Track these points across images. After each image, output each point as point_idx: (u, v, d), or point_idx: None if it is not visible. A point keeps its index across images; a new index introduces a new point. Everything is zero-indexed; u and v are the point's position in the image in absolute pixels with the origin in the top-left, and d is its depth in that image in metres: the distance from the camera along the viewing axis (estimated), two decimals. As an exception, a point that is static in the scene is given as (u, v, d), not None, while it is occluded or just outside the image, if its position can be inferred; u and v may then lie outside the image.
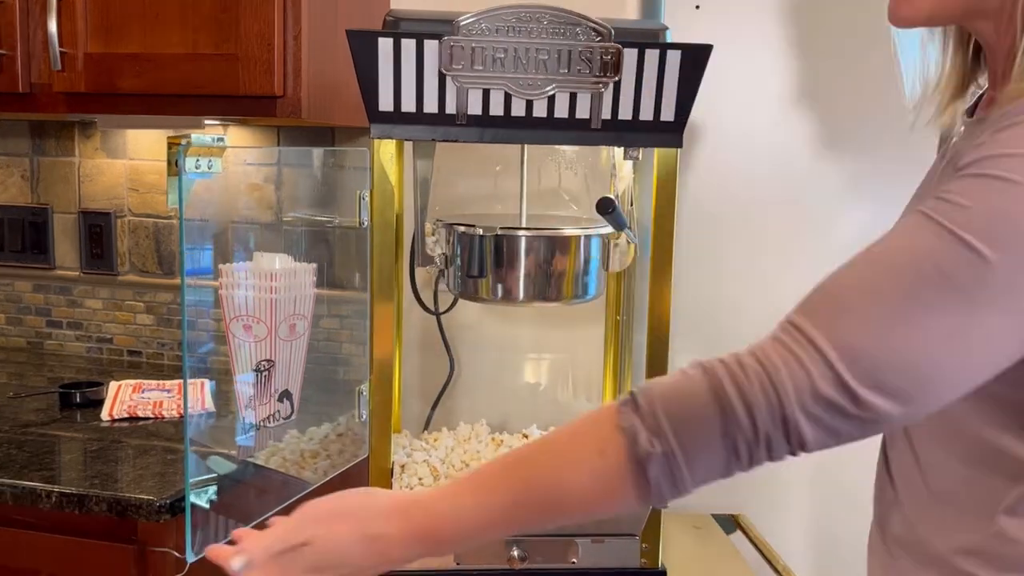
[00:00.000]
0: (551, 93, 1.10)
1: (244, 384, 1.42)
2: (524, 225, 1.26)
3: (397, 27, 1.11)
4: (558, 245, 1.22)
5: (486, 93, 1.09)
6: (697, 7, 1.66)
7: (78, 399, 1.66)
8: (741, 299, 1.69)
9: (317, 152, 1.72)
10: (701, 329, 1.68)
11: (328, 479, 1.47)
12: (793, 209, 1.67)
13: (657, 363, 1.20)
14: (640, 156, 1.19)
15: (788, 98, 1.67)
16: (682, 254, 1.22)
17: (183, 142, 1.15)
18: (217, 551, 0.79)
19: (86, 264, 2.03)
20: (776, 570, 1.37)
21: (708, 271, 1.69)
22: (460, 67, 1.07)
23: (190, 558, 1.18)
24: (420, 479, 1.28)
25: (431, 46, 1.07)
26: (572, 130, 1.12)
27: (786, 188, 1.67)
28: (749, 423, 0.65)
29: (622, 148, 1.18)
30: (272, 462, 1.40)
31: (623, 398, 0.70)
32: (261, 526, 1.25)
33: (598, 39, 1.08)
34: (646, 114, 1.12)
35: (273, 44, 1.46)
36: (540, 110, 1.11)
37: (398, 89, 1.08)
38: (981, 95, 0.85)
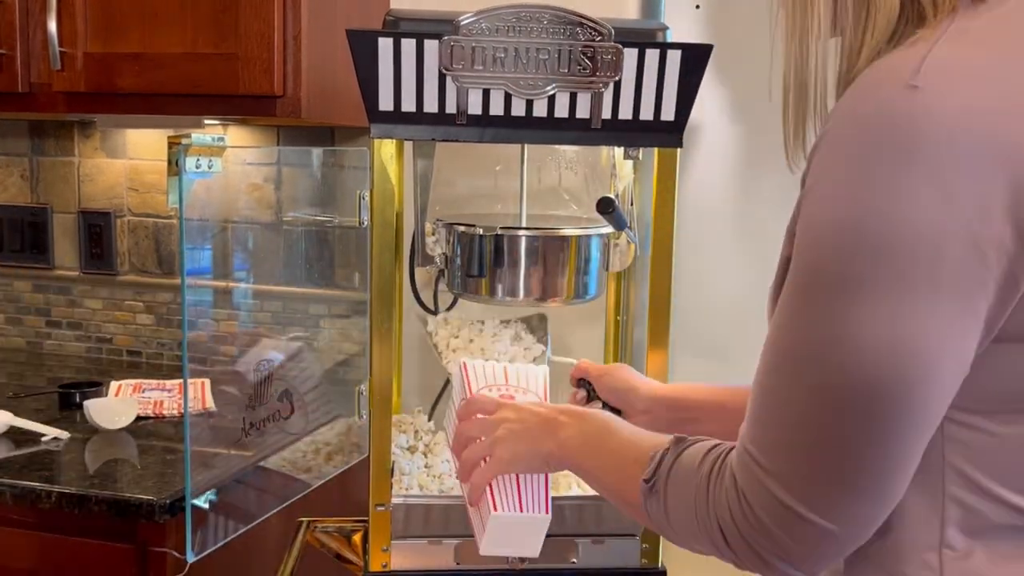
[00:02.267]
0: (551, 93, 1.10)
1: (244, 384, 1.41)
2: (524, 225, 1.26)
3: (397, 27, 1.11)
4: (558, 245, 1.22)
5: (486, 93, 1.09)
6: (697, 7, 1.66)
7: (78, 399, 1.66)
8: (741, 299, 1.68)
9: (317, 152, 1.72)
10: (701, 329, 1.68)
11: (328, 479, 1.47)
12: (793, 209, 1.67)
13: (657, 363, 1.20)
14: (640, 156, 1.19)
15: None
16: (682, 254, 1.21)
17: (183, 142, 1.15)
18: None
19: (86, 264, 2.03)
20: (776, 570, 1.37)
21: (708, 271, 1.69)
22: (460, 67, 1.07)
23: (190, 558, 1.18)
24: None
25: (431, 46, 1.07)
26: (572, 130, 1.12)
27: (786, 188, 1.67)
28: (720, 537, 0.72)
29: (622, 148, 1.18)
30: (272, 462, 1.39)
31: (670, 442, 0.80)
32: (261, 526, 1.25)
33: (598, 39, 1.08)
34: (646, 114, 1.12)
35: (273, 44, 1.46)
36: (540, 110, 1.11)
37: (398, 89, 1.08)
38: None
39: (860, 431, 0.63)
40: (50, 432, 1.50)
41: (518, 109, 1.10)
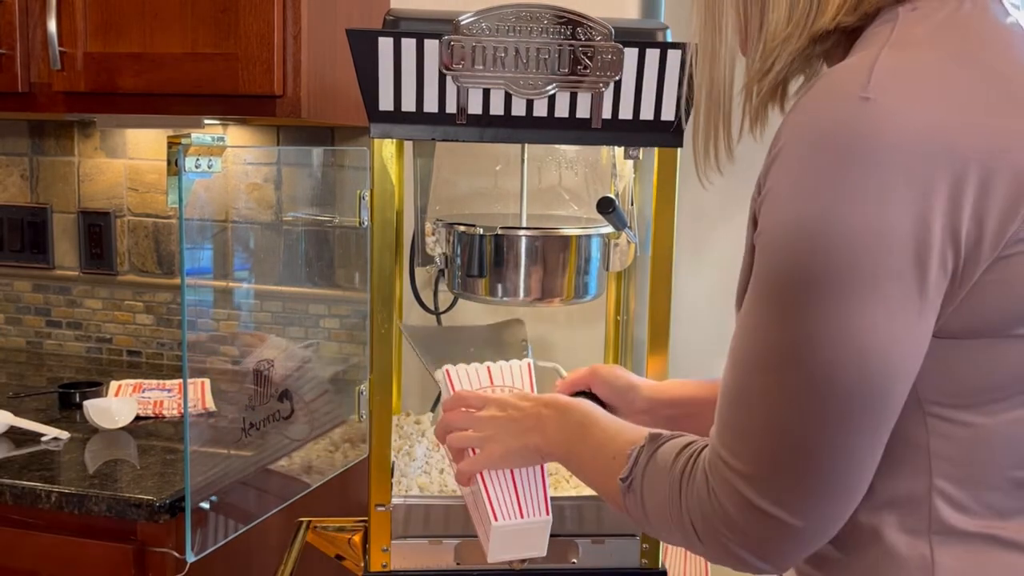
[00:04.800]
0: (551, 93, 1.10)
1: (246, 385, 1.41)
2: (524, 224, 1.26)
3: (397, 26, 1.11)
4: (558, 245, 1.22)
5: (486, 92, 1.09)
6: (697, 7, 1.65)
7: (77, 399, 1.66)
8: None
9: (317, 152, 1.72)
10: (701, 329, 1.68)
11: (328, 479, 1.47)
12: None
13: (657, 363, 1.20)
14: (640, 156, 1.19)
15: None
16: (682, 254, 1.21)
17: (183, 141, 1.15)
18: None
19: (85, 264, 2.03)
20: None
21: (708, 271, 1.69)
22: (460, 66, 1.07)
23: (190, 558, 1.18)
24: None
25: (431, 45, 1.07)
26: (572, 130, 1.12)
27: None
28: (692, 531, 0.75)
29: (622, 148, 1.18)
30: (272, 462, 1.39)
31: (646, 438, 0.83)
32: (261, 526, 1.25)
33: (598, 39, 1.08)
34: (646, 114, 1.12)
35: (273, 43, 1.46)
36: (540, 109, 1.11)
37: (398, 88, 1.08)
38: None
39: (824, 430, 0.66)
40: (50, 432, 1.50)
41: (518, 109, 1.10)
